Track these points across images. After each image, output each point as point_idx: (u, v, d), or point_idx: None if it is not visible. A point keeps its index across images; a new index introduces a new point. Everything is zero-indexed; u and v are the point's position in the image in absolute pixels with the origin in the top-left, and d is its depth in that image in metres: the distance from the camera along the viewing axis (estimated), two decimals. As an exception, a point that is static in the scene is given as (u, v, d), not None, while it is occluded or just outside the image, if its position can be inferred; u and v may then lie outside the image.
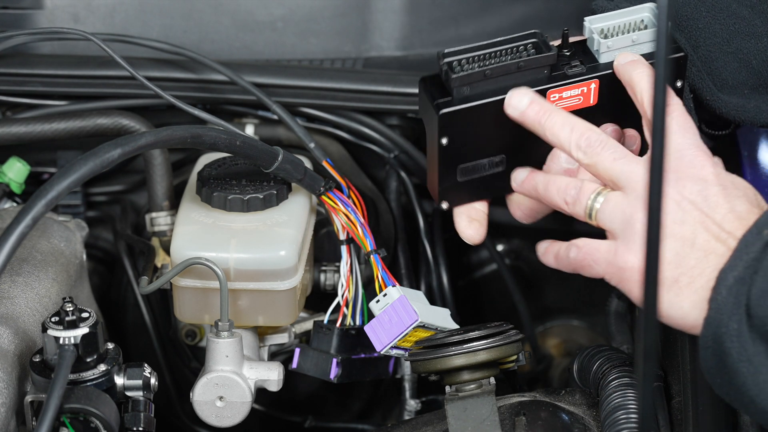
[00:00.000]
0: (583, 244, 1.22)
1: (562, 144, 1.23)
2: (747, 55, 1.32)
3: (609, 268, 1.19)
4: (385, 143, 1.64)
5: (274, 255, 1.37)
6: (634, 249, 1.17)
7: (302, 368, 1.43)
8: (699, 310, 1.13)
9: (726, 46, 1.32)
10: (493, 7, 1.73)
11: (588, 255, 1.22)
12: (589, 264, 1.21)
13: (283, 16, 1.69)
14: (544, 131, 1.25)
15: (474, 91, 1.28)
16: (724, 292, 1.09)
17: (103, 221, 1.74)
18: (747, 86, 1.32)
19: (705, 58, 1.32)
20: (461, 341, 1.29)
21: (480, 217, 1.36)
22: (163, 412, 1.67)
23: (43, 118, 1.55)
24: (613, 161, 1.20)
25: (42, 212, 1.13)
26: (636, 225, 1.17)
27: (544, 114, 1.25)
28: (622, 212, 1.18)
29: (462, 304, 1.70)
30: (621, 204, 1.19)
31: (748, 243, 1.10)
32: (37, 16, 1.66)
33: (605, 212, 1.20)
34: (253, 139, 1.34)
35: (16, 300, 1.32)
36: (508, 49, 1.29)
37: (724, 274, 1.10)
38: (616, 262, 1.18)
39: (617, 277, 1.19)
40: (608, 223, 1.20)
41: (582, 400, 1.31)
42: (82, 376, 1.23)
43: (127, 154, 1.20)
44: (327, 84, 1.62)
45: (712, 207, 1.15)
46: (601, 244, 1.21)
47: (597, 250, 1.21)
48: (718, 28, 1.32)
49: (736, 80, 1.32)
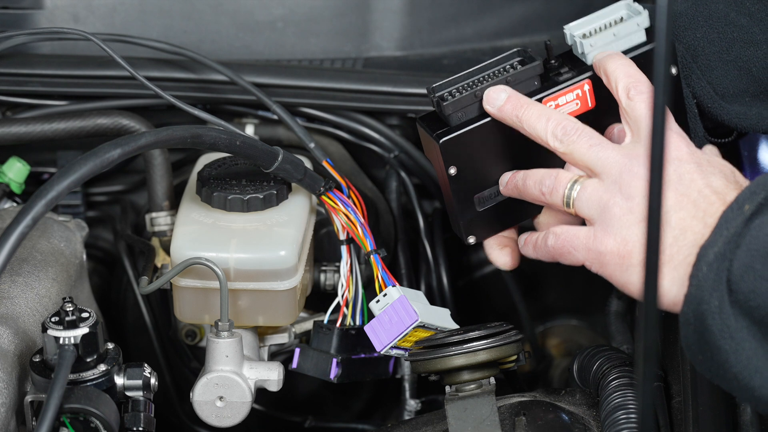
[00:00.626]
0: (561, 232, 1.23)
1: (539, 135, 1.24)
2: (747, 62, 1.32)
3: (588, 254, 1.20)
4: (385, 143, 1.64)
5: (274, 255, 1.37)
6: (612, 233, 1.18)
7: (302, 368, 1.43)
8: (678, 287, 1.13)
9: (725, 55, 1.32)
10: (493, 7, 1.73)
11: (567, 242, 1.22)
12: (568, 251, 1.22)
13: (283, 16, 1.69)
14: (522, 124, 1.26)
15: (469, 116, 1.30)
16: (704, 269, 1.09)
17: (103, 221, 1.74)
18: (748, 94, 1.33)
19: (705, 67, 1.32)
20: (461, 341, 1.29)
21: (510, 243, 1.37)
22: (163, 412, 1.67)
23: (43, 118, 1.55)
24: (589, 148, 1.21)
25: (42, 212, 1.13)
26: (614, 209, 1.18)
27: (521, 107, 1.26)
28: (599, 198, 1.19)
29: (462, 304, 1.70)
30: (597, 190, 1.20)
31: (728, 219, 1.10)
32: (37, 16, 1.66)
33: (582, 200, 1.21)
34: (253, 139, 1.34)
35: (16, 300, 1.32)
36: (495, 71, 1.31)
37: (704, 250, 1.10)
38: (596, 247, 1.19)
39: (597, 262, 1.20)
40: (586, 210, 1.21)
41: (582, 400, 1.31)
42: (82, 376, 1.23)
43: (127, 154, 1.20)
44: (327, 84, 1.62)
45: (687, 185, 1.16)
46: (579, 230, 1.22)
47: (576, 237, 1.22)
48: (716, 36, 1.32)
49: (737, 88, 1.32)
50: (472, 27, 1.73)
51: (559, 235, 1.23)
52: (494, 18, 1.73)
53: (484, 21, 1.74)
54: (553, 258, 1.26)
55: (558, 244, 1.24)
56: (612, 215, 1.18)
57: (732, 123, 1.33)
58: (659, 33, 0.88)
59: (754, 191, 1.11)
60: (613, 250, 1.18)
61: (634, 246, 1.17)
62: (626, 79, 1.24)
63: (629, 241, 1.17)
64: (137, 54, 1.59)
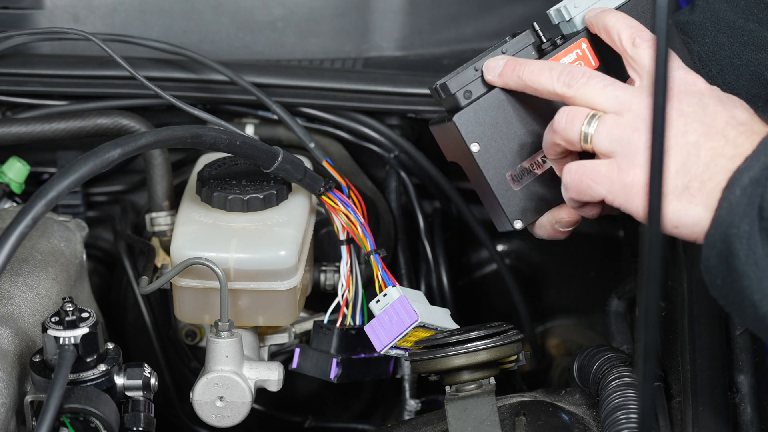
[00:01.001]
0: (577, 167, 1.20)
1: (545, 87, 1.23)
2: (758, 67, 1.32)
3: (612, 186, 1.16)
4: (385, 143, 1.63)
5: (274, 255, 1.37)
6: (639, 163, 1.14)
7: (302, 368, 1.43)
8: (711, 213, 1.11)
9: (736, 59, 1.32)
10: (493, 7, 1.73)
11: (586, 175, 1.18)
12: (588, 185, 1.18)
13: (283, 16, 1.69)
14: (526, 83, 1.24)
15: (477, 92, 1.29)
16: (738, 192, 1.08)
17: (103, 221, 1.74)
18: (761, 98, 1.32)
19: (716, 73, 1.32)
20: (461, 341, 1.29)
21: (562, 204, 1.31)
22: (163, 412, 1.67)
23: (43, 118, 1.55)
24: (604, 88, 1.19)
25: (42, 212, 1.13)
26: (638, 142, 1.15)
27: (520, 67, 1.25)
28: (620, 132, 1.16)
29: (462, 304, 1.70)
30: (618, 124, 1.17)
31: (766, 145, 1.09)
32: (37, 16, 1.66)
33: (602, 134, 1.17)
34: (253, 139, 1.34)
35: (16, 300, 1.32)
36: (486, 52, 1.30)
37: (738, 174, 1.09)
38: (621, 179, 1.15)
39: (622, 194, 1.16)
40: (607, 144, 1.17)
41: (582, 400, 1.31)
42: (82, 376, 1.23)
43: (127, 154, 1.20)
44: (327, 84, 1.62)
45: (712, 115, 1.14)
46: (599, 163, 1.18)
47: (596, 170, 1.18)
48: (726, 41, 1.32)
49: (749, 93, 1.32)
50: (472, 27, 1.73)
51: (575, 170, 1.19)
52: (494, 18, 1.74)
53: (484, 21, 1.74)
54: (570, 198, 1.21)
55: (576, 178, 1.19)
56: (637, 147, 1.14)
57: None
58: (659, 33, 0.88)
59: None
60: (641, 180, 1.14)
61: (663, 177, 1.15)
62: (629, 30, 1.23)
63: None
64: (137, 54, 1.59)
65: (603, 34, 1.26)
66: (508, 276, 1.74)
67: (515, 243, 1.80)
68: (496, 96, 1.29)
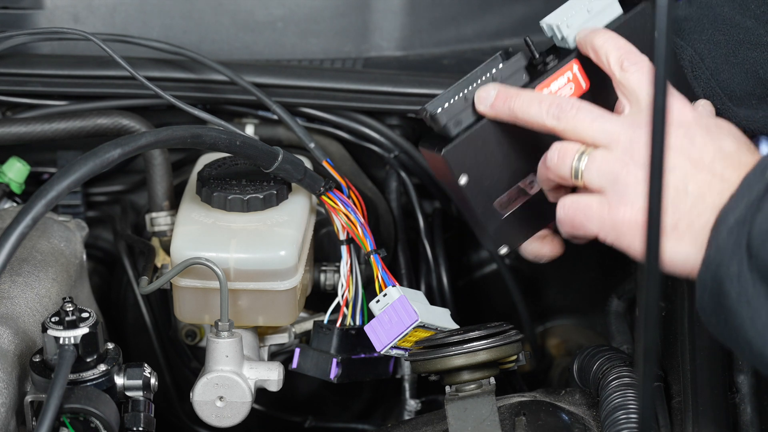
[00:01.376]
0: (570, 202, 1.20)
1: (535, 120, 1.23)
2: (753, 65, 1.32)
3: (604, 225, 1.17)
4: (385, 143, 1.63)
5: (274, 255, 1.37)
6: (629, 203, 1.15)
7: (302, 368, 1.43)
8: (699, 252, 1.11)
9: (732, 57, 1.32)
10: (493, 7, 1.73)
11: (579, 212, 1.19)
12: (581, 222, 1.19)
13: (283, 16, 1.69)
14: (516, 116, 1.24)
15: (466, 122, 1.29)
16: (724, 233, 1.08)
17: (103, 221, 1.74)
18: (755, 96, 1.32)
19: (712, 69, 1.32)
20: (461, 341, 1.29)
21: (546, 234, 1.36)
22: (163, 412, 1.67)
23: (43, 118, 1.55)
24: (592, 122, 1.19)
25: (42, 212, 1.13)
26: (627, 178, 1.15)
27: (510, 98, 1.25)
28: (610, 169, 1.17)
29: (462, 304, 1.70)
30: (608, 160, 1.17)
31: (751, 183, 1.09)
32: (37, 16, 1.66)
33: (592, 170, 1.18)
34: (253, 139, 1.34)
35: (16, 300, 1.32)
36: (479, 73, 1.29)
37: (724, 214, 1.09)
38: (612, 218, 1.16)
39: (613, 232, 1.17)
40: (596, 180, 1.18)
41: (582, 400, 1.31)
42: (82, 376, 1.23)
43: (127, 154, 1.20)
44: (327, 84, 1.62)
45: (700, 149, 1.14)
46: (591, 199, 1.18)
47: (588, 206, 1.18)
48: (723, 39, 1.32)
49: (743, 91, 1.32)
50: (472, 27, 1.73)
51: (569, 206, 1.20)
52: (494, 18, 1.73)
53: (484, 21, 1.74)
54: (565, 231, 1.23)
55: (570, 214, 1.20)
56: (626, 184, 1.15)
57: (740, 126, 1.32)
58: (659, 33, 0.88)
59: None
60: (631, 219, 1.15)
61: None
62: (617, 52, 1.23)
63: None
64: (137, 54, 1.59)
65: (592, 55, 1.26)
66: (508, 276, 1.74)
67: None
68: (486, 127, 1.29)
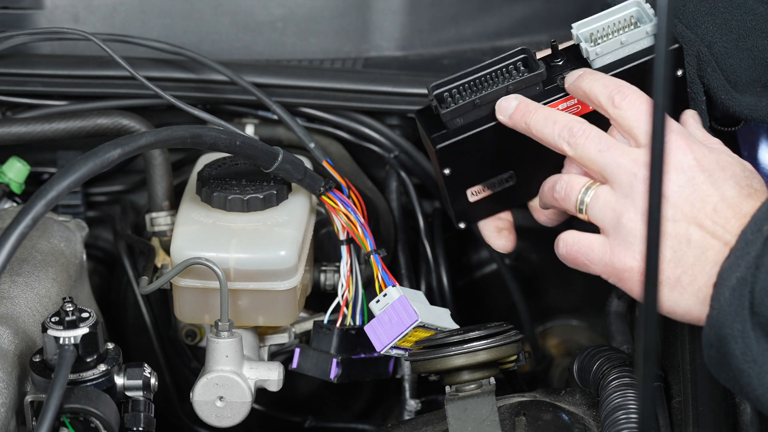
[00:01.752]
0: (572, 241, 1.21)
1: (547, 139, 1.23)
2: (763, 52, 1.31)
3: (606, 268, 1.19)
4: (385, 143, 1.63)
5: (274, 255, 1.37)
6: (630, 249, 1.16)
7: (302, 368, 1.43)
8: (702, 305, 1.13)
9: (742, 43, 1.31)
10: (493, 7, 1.73)
11: (581, 254, 1.21)
12: (583, 263, 1.21)
13: (283, 16, 1.69)
14: (531, 130, 1.25)
15: (468, 120, 1.29)
16: (727, 294, 1.09)
17: (103, 221, 1.74)
18: (759, 84, 1.32)
19: (721, 54, 1.31)
20: (461, 341, 1.29)
21: (507, 226, 1.37)
22: (163, 412, 1.67)
23: (43, 118, 1.55)
24: (599, 153, 1.19)
25: (42, 212, 1.13)
26: (628, 224, 1.16)
27: (528, 113, 1.25)
28: (612, 210, 1.18)
29: (462, 304, 1.70)
30: (610, 201, 1.18)
31: (749, 242, 1.09)
32: (37, 16, 1.66)
33: (595, 209, 1.19)
34: (253, 139, 1.34)
35: (16, 300, 1.32)
36: (497, 71, 1.29)
37: (726, 273, 1.10)
38: (613, 263, 1.18)
39: (615, 277, 1.19)
40: (599, 219, 1.19)
41: (582, 400, 1.31)
42: (82, 376, 1.23)
43: (127, 154, 1.20)
44: (327, 84, 1.62)
45: (703, 198, 1.14)
46: (593, 242, 1.20)
47: (590, 249, 1.20)
48: (735, 24, 1.31)
49: (749, 77, 1.32)
50: (472, 27, 1.73)
51: (572, 245, 1.21)
52: (494, 18, 1.73)
53: (484, 21, 1.73)
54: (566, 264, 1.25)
55: (572, 252, 1.22)
56: (628, 230, 1.16)
57: (743, 114, 1.32)
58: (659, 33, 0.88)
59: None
60: (633, 267, 1.16)
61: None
62: (605, 90, 1.22)
63: None
64: (137, 54, 1.59)
65: (586, 101, 1.26)
66: (508, 276, 1.74)
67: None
68: (487, 131, 1.29)
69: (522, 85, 1.28)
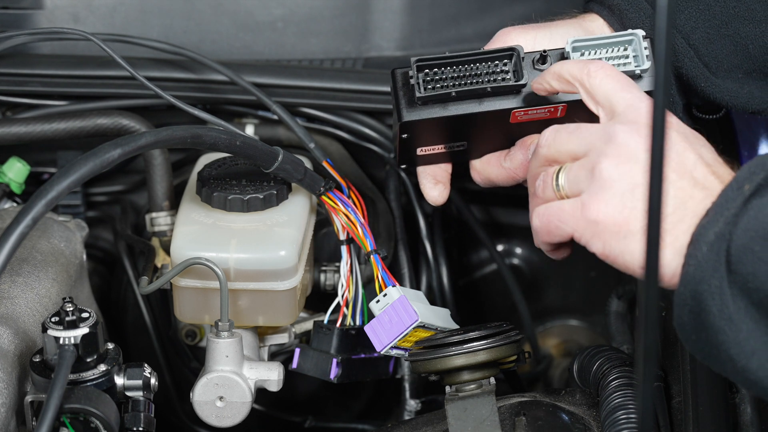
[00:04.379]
0: (543, 210, 1.20)
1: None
2: (744, 39, 1.32)
3: (578, 223, 1.15)
4: (385, 143, 1.64)
5: (274, 255, 1.37)
6: (602, 198, 1.13)
7: (302, 368, 1.43)
8: (678, 259, 1.10)
9: (724, 29, 1.32)
10: (493, 7, 1.73)
11: (552, 216, 1.19)
12: (555, 225, 1.18)
13: (283, 16, 1.69)
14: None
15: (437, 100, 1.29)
16: (704, 249, 1.08)
17: (103, 221, 1.74)
18: (741, 70, 1.32)
19: (702, 40, 1.32)
20: (461, 341, 1.29)
21: (444, 179, 1.39)
22: (163, 412, 1.67)
23: (43, 118, 1.55)
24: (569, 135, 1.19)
25: (42, 212, 1.13)
26: (602, 174, 1.14)
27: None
28: (584, 171, 1.16)
29: (462, 304, 1.70)
30: (582, 165, 1.17)
31: (728, 198, 1.09)
32: (37, 16, 1.66)
33: (570, 178, 1.18)
34: (253, 139, 1.34)
35: (16, 300, 1.32)
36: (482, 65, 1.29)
37: (703, 229, 1.09)
38: (586, 215, 1.15)
39: (589, 231, 1.15)
40: (575, 185, 1.17)
41: (582, 400, 1.31)
42: (82, 376, 1.23)
43: (127, 154, 1.20)
44: (327, 84, 1.62)
45: (681, 153, 1.14)
46: (563, 204, 1.18)
47: (560, 209, 1.18)
48: (718, 10, 1.32)
49: (731, 63, 1.32)
50: (472, 27, 1.73)
51: (543, 213, 1.20)
52: (494, 18, 1.73)
53: (484, 21, 1.74)
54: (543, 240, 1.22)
55: (544, 221, 1.20)
56: (601, 180, 1.14)
57: (723, 101, 1.32)
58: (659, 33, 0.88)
59: (753, 171, 1.09)
60: (607, 216, 1.13)
61: (630, 213, 1.12)
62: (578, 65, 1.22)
63: (626, 207, 1.13)
64: (137, 54, 1.59)
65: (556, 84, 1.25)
66: (508, 276, 1.74)
67: (515, 242, 1.81)
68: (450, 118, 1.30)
69: (500, 91, 1.29)
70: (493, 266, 1.80)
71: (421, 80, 1.28)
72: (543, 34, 1.34)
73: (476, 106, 1.30)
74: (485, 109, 1.30)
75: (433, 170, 1.39)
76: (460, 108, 1.30)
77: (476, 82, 1.29)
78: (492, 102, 1.30)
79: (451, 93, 1.28)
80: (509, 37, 1.34)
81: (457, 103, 1.30)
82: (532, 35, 1.34)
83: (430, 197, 1.39)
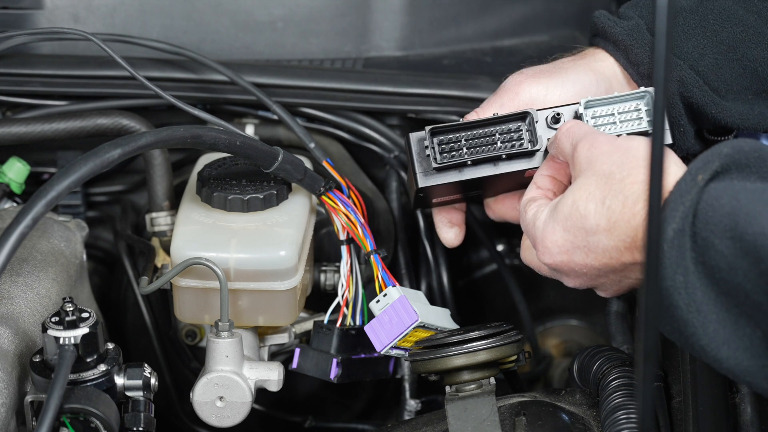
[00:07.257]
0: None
1: None
2: (753, 62, 1.32)
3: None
4: (385, 143, 1.64)
5: (274, 255, 1.37)
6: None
7: (302, 368, 1.43)
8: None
9: (732, 54, 1.33)
10: (493, 7, 1.73)
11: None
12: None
13: (283, 16, 1.69)
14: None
15: (451, 163, 1.32)
16: (664, 247, 1.08)
17: (103, 221, 1.74)
18: (750, 91, 1.33)
19: (711, 65, 1.32)
20: (461, 341, 1.29)
21: (459, 221, 1.43)
22: (163, 412, 1.67)
23: (43, 118, 1.55)
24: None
25: (42, 212, 1.13)
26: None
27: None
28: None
29: (462, 304, 1.70)
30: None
31: (683, 191, 1.09)
32: (37, 16, 1.66)
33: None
34: (253, 139, 1.34)
35: (16, 300, 1.32)
36: (496, 132, 1.32)
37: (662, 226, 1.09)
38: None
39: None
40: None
41: (582, 400, 1.31)
42: (82, 376, 1.23)
43: (127, 154, 1.20)
44: (327, 84, 1.62)
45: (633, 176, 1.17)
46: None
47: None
48: (725, 35, 1.33)
49: (740, 86, 1.33)
50: (472, 27, 1.73)
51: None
52: (494, 18, 1.73)
53: (484, 21, 1.74)
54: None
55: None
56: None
57: (734, 123, 1.33)
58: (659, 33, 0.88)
59: (707, 160, 1.10)
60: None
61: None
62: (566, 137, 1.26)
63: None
64: (137, 54, 1.59)
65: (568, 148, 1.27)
66: (508, 276, 1.74)
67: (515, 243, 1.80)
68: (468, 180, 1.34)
69: (517, 155, 1.32)
70: (493, 266, 1.80)
71: (437, 147, 1.32)
72: (555, 83, 1.35)
73: (491, 169, 1.33)
74: (500, 171, 1.33)
75: (448, 213, 1.44)
76: (476, 172, 1.33)
77: (491, 149, 1.32)
78: (507, 164, 1.33)
79: (467, 162, 1.32)
80: (521, 88, 1.35)
81: (472, 168, 1.33)
82: (544, 84, 1.35)
83: (446, 240, 1.44)
